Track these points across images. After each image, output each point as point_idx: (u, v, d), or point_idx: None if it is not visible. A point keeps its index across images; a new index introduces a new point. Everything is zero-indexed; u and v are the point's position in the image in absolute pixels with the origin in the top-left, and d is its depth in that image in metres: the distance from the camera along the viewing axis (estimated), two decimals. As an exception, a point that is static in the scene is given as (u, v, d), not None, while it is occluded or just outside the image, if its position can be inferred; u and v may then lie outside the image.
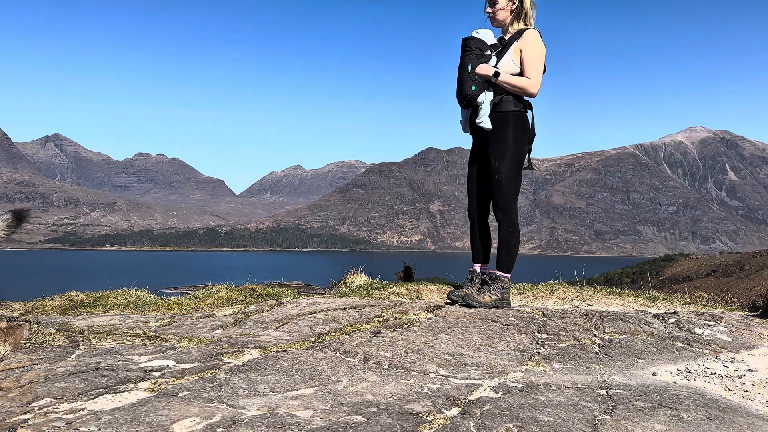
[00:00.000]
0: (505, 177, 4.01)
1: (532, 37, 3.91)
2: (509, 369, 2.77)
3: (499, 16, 4.02)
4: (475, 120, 4.03)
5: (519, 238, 4.20)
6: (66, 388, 2.22)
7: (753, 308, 4.60)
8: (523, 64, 3.91)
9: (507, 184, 4.03)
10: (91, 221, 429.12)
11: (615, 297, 5.05)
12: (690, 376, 2.81)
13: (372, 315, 3.75)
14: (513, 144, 3.99)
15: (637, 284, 8.47)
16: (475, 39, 3.98)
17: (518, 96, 3.97)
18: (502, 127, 3.97)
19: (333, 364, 2.66)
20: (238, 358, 2.74)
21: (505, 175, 4.01)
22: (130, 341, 3.04)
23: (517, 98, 3.97)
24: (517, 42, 3.92)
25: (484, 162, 4.18)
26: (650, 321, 3.82)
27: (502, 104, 3.95)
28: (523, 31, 3.95)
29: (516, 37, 3.95)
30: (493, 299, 4.03)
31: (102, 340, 3.03)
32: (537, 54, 3.90)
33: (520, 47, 3.90)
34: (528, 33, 3.93)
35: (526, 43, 3.90)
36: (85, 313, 4.18)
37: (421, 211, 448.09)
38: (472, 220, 4.35)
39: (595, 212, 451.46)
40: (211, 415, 1.96)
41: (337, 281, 6.42)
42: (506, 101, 3.95)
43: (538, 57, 3.91)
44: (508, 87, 3.90)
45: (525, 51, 3.90)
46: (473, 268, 4.42)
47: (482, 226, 4.37)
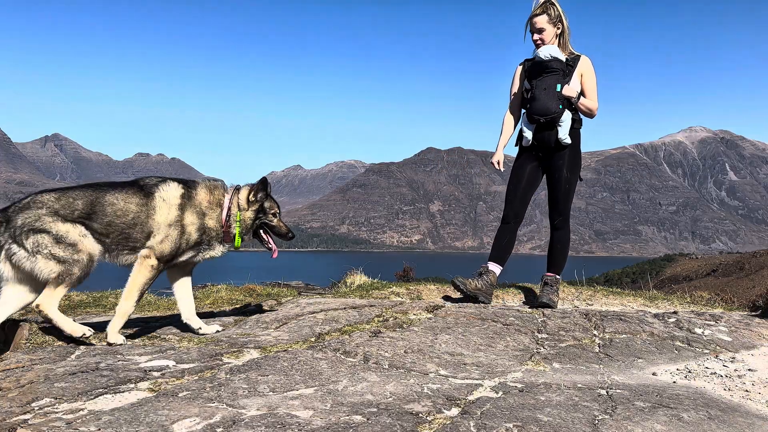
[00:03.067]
0: (572, 188, 4.48)
1: (590, 65, 4.44)
2: (509, 369, 2.77)
3: (547, 41, 4.37)
4: (557, 136, 4.31)
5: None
6: (66, 388, 2.22)
7: (753, 308, 4.60)
8: (583, 87, 4.39)
9: (571, 195, 4.50)
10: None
11: (615, 297, 5.05)
12: (690, 376, 2.81)
13: (372, 315, 3.75)
14: (580, 158, 4.51)
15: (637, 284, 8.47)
16: (557, 60, 4.28)
17: (582, 115, 4.47)
18: (574, 143, 4.42)
19: (333, 364, 2.66)
20: (238, 358, 2.74)
21: (572, 186, 4.48)
22: (129, 341, 3.04)
23: (581, 117, 4.47)
24: (578, 67, 4.38)
25: (538, 173, 4.52)
26: (650, 321, 3.82)
27: (575, 122, 4.39)
28: (579, 57, 4.40)
29: (575, 61, 4.37)
30: (559, 299, 4.58)
31: (102, 340, 3.03)
32: (595, 80, 4.45)
33: (581, 72, 4.38)
34: (587, 60, 4.42)
35: (587, 70, 4.40)
36: (85, 313, 4.17)
37: (421, 211, 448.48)
38: (507, 224, 4.57)
39: (595, 212, 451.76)
40: (211, 415, 1.96)
41: (337, 281, 6.42)
42: (577, 120, 4.41)
43: (595, 83, 4.45)
44: (582, 108, 4.37)
45: (586, 76, 4.39)
46: (487, 265, 4.53)
47: (514, 233, 4.62)
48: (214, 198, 3.24)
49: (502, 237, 4.56)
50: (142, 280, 3.03)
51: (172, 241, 3.08)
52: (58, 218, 2.84)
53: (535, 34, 4.36)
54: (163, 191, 3.12)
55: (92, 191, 3.01)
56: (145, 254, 3.04)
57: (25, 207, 2.84)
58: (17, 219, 2.79)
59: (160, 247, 3.06)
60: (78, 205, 2.92)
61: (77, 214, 2.90)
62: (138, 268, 3.04)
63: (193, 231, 3.15)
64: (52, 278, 2.81)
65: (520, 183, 4.51)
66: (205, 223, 3.18)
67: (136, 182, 3.18)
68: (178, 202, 3.13)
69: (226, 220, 3.22)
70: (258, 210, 3.30)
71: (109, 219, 2.97)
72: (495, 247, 4.57)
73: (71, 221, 2.88)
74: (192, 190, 3.22)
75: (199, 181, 3.32)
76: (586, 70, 4.39)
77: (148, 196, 3.08)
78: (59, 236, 2.81)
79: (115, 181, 3.21)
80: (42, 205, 2.85)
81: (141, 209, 3.04)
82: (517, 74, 4.62)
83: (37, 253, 2.77)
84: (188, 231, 3.13)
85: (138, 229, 3.03)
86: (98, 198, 2.99)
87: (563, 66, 4.29)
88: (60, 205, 2.88)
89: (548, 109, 4.25)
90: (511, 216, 4.53)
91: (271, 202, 3.36)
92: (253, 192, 3.30)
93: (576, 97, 4.28)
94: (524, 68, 4.52)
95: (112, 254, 3.04)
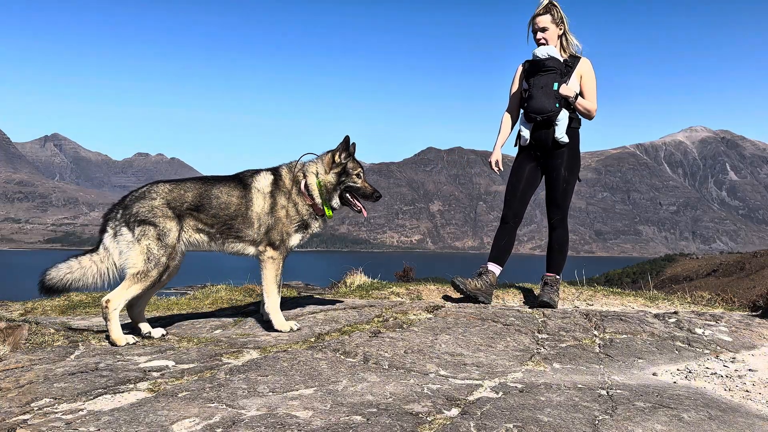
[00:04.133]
0: (570, 187, 4.46)
1: (590, 66, 4.44)
2: (509, 369, 2.76)
3: (550, 41, 4.39)
4: (554, 135, 4.30)
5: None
6: (65, 389, 2.21)
7: (753, 308, 4.59)
8: (582, 88, 4.40)
9: (570, 194, 4.48)
10: (91, 221, 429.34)
11: (615, 297, 5.05)
12: (690, 376, 2.80)
13: (372, 315, 3.75)
14: (579, 158, 4.51)
15: (638, 284, 8.46)
16: (554, 59, 4.28)
17: (580, 116, 4.47)
18: (572, 142, 4.41)
19: (333, 365, 2.65)
20: (237, 358, 2.73)
21: (571, 186, 4.46)
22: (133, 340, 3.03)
23: (579, 117, 4.46)
24: (578, 68, 4.39)
25: (537, 173, 4.51)
26: (651, 321, 3.82)
27: (573, 122, 4.38)
28: (579, 58, 4.41)
29: (574, 63, 4.38)
30: (559, 299, 4.55)
31: (101, 341, 3.03)
32: (594, 82, 4.46)
33: (581, 73, 4.39)
34: (587, 62, 4.44)
35: (587, 72, 4.41)
36: (85, 314, 4.17)
37: (421, 211, 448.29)
38: (507, 225, 4.56)
39: (595, 212, 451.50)
40: (210, 416, 1.96)
41: (337, 281, 6.41)
42: (575, 119, 4.40)
43: (595, 85, 4.45)
44: (580, 108, 4.36)
45: (585, 78, 4.40)
46: (486, 265, 4.52)
47: (513, 233, 4.61)
48: (294, 176, 3.29)
49: (502, 237, 4.56)
50: (270, 275, 3.22)
51: (276, 229, 3.20)
52: (168, 211, 3.03)
53: (539, 33, 4.37)
54: (256, 182, 3.26)
55: (201, 184, 3.19)
56: (261, 250, 3.22)
57: (141, 196, 3.05)
58: (133, 207, 3.00)
59: (268, 238, 3.19)
60: (188, 197, 3.10)
61: (186, 207, 3.09)
62: (262, 266, 3.23)
63: (290, 214, 3.23)
64: (130, 272, 2.94)
65: (519, 183, 4.51)
66: (296, 202, 3.25)
67: (237, 176, 3.31)
68: (269, 190, 3.24)
69: (307, 194, 3.25)
70: (340, 173, 3.29)
71: (214, 211, 3.14)
72: (494, 248, 4.57)
73: (179, 215, 3.06)
74: (279, 175, 3.30)
75: (284, 164, 3.38)
76: (586, 72, 4.41)
77: (246, 188, 3.22)
78: (162, 233, 2.99)
79: (220, 176, 3.33)
80: (156, 196, 3.05)
81: (241, 201, 3.20)
82: (517, 74, 4.63)
83: (139, 241, 2.95)
84: (285, 215, 3.21)
85: (240, 220, 3.19)
86: (206, 191, 3.16)
87: (560, 65, 4.29)
88: (172, 197, 3.08)
89: (544, 108, 4.26)
90: (510, 216, 4.53)
91: (354, 162, 3.34)
92: (336, 154, 3.30)
93: (574, 97, 4.28)
94: (524, 68, 4.53)
95: (218, 242, 3.21)
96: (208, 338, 3.16)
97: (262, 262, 3.23)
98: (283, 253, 3.25)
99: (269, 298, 3.25)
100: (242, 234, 3.21)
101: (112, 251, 2.98)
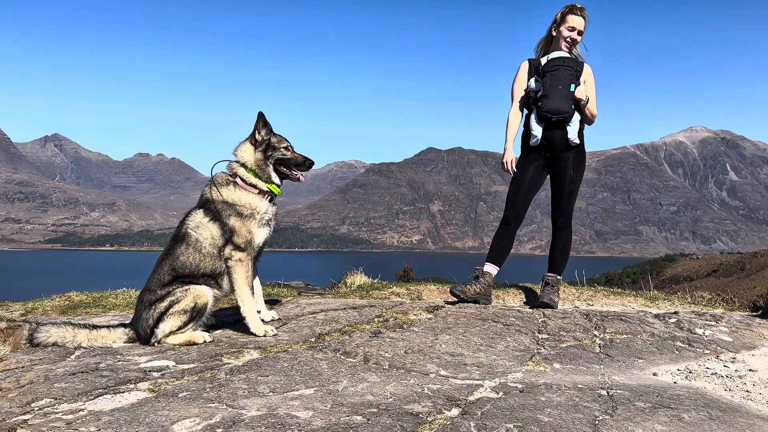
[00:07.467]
0: (576, 188, 4.49)
1: (592, 73, 4.50)
2: (510, 369, 2.77)
3: (573, 44, 4.43)
4: (567, 136, 4.30)
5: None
6: (66, 389, 2.22)
7: (754, 308, 4.59)
8: (586, 94, 4.40)
9: (575, 195, 4.50)
10: (91, 221, 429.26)
11: (615, 297, 5.05)
12: (691, 377, 2.80)
13: (372, 315, 3.75)
14: (585, 159, 4.54)
15: (638, 284, 8.46)
16: (574, 60, 4.32)
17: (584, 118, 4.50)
18: (581, 144, 4.45)
19: (333, 365, 2.66)
20: (237, 358, 2.73)
21: (577, 187, 4.49)
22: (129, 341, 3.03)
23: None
24: (583, 74, 4.41)
25: (542, 174, 4.50)
26: (651, 321, 3.82)
27: (581, 124, 4.41)
28: (583, 64, 4.42)
29: (579, 67, 4.36)
30: (559, 299, 4.58)
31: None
32: (594, 89, 4.50)
33: (585, 79, 4.43)
34: (589, 68, 4.48)
35: (589, 78, 4.48)
36: (85, 314, 4.17)
37: (421, 211, 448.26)
38: (508, 225, 4.51)
39: (595, 212, 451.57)
40: (211, 416, 1.96)
41: (337, 281, 6.41)
42: (583, 122, 4.43)
43: (595, 92, 4.50)
44: (587, 112, 4.40)
45: (588, 83, 4.45)
46: (483, 267, 4.48)
47: (513, 234, 4.58)
48: (223, 182, 3.25)
49: (502, 238, 4.50)
50: (240, 278, 3.17)
51: (237, 233, 3.16)
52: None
53: (570, 32, 4.35)
54: (189, 221, 3.27)
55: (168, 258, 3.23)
56: (226, 255, 3.17)
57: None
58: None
59: (233, 242, 3.16)
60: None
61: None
62: (231, 271, 3.18)
63: (242, 212, 3.17)
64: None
65: (523, 183, 4.45)
66: (239, 197, 3.20)
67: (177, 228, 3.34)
68: (206, 217, 3.23)
69: (248, 185, 3.21)
70: (266, 149, 3.24)
71: (189, 270, 3.19)
72: (493, 248, 4.52)
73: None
74: (204, 197, 3.30)
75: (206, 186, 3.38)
76: (589, 78, 4.44)
77: (186, 235, 3.22)
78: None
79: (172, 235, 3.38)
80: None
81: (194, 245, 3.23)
82: (522, 71, 4.54)
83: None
84: (237, 215, 3.17)
85: (207, 260, 3.20)
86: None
87: (578, 68, 4.31)
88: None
89: (561, 108, 4.24)
90: (512, 217, 4.48)
91: (278, 136, 3.31)
92: (255, 133, 3.25)
93: (585, 100, 4.29)
94: (531, 66, 4.47)
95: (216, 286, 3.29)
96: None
97: (231, 267, 3.15)
98: (251, 254, 3.20)
99: (245, 302, 3.19)
100: (216, 267, 3.17)
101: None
